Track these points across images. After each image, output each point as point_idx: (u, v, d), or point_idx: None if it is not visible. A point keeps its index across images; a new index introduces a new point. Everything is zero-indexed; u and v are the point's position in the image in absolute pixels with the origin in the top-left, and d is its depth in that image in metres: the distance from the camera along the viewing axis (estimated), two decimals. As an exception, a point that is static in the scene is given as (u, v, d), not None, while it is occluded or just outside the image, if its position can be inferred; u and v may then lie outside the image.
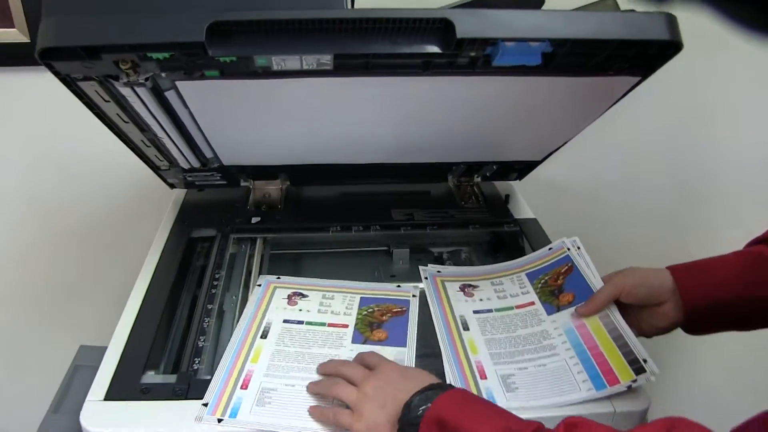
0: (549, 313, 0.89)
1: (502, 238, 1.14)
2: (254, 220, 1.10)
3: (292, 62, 0.70)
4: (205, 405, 0.74)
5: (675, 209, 1.51)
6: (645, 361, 0.76)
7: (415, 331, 0.87)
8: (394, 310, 0.92)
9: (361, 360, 0.78)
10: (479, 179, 1.23)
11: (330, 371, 0.78)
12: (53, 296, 1.48)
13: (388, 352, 0.83)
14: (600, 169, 1.48)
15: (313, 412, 0.73)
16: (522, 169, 1.18)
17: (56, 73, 0.70)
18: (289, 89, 0.76)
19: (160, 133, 0.86)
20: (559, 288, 0.92)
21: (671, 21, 0.70)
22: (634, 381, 0.75)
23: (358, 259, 1.11)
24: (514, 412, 0.67)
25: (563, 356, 0.81)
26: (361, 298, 0.94)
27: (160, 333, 0.87)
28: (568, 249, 0.96)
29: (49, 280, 1.46)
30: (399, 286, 0.97)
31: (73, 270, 1.45)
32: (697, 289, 0.80)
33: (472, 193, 1.22)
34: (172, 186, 1.13)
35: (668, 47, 0.72)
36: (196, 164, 1.01)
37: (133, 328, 0.86)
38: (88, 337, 0.92)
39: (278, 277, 0.97)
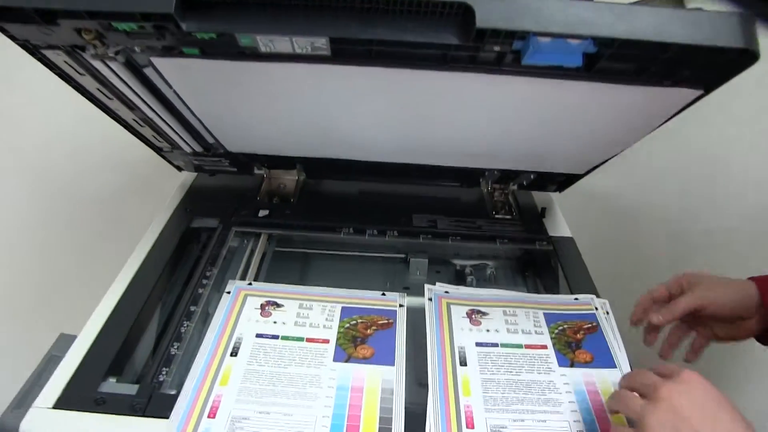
0: (561, 364, 0.76)
1: (533, 257, 1.01)
2: (262, 213, 1.00)
3: (281, 44, 0.58)
4: None
5: (738, 238, 1.35)
6: None
7: (404, 347, 0.76)
8: (380, 322, 0.80)
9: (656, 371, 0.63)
10: (515, 187, 1.09)
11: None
12: (43, 282, 1.41)
13: (375, 372, 0.72)
14: (654, 187, 1.33)
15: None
16: (563, 181, 1.04)
17: (12, 38, 0.60)
18: (283, 75, 0.65)
19: (149, 114, 0.76)
20: (577, 342, 0.79)
21: (747, 24, 0.56)
22: None
23: (370, 266, 0.99)
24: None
25: (567, 417, 0.69)
26: (342, 308, 0.82)
27: (133, 335, 0.77)
28: (596, 309, 0.84)
29: (45, 263, 1.39)
30: (384, 294, 0.85)
31: (71, 254, 1.38)
32: None
33: (506, 202, 1.08)
34: (179, 168, 1.03)
35: (742, 56, 0.58)
36: (198, 149, 0.91)
37: (103, 326, 0.76)
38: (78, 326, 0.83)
39: (250, 283, 0.86)
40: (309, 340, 0.76)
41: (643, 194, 1.34)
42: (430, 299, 0.85)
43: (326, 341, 0.76)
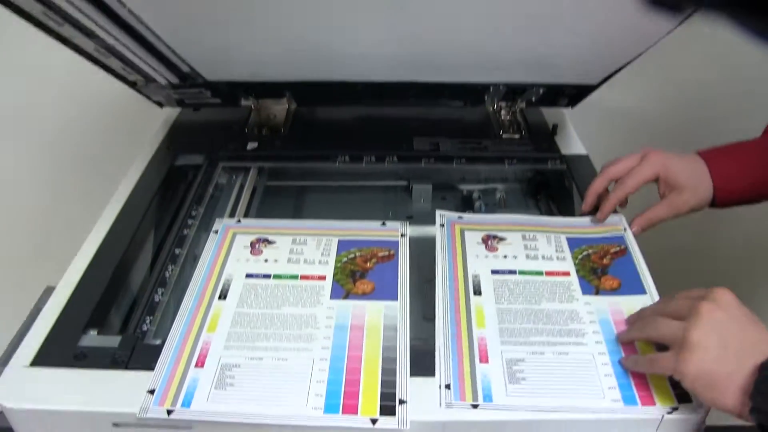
0: (585, 292, 0.68)
1: (546, 177, 0.93)
2: (250, 146, 0.92)
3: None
4: (151, 392, 0.57)
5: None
6: None
7: (407, 280, 0.69)
8: (380, 254, 0.73)
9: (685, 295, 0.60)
10: (523, 104, 1.00)
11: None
12: (28, 233, 1.35)
13: (376, 308, 0.66)
14: (679, 100, 1.22)
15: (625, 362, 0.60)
16: (574, 94, 0.95)
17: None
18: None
19: (110, 41, 0.68)
20: (603, 268, 0.71)
21: None
22: (675, 409, 0.56)
23: (369, 196, 0.92)
24: (509, 413, 0.55)
25: (591, 349, 0.62)
26: (339, 241, 0.75)
27: (115, 283, 0.70)
28: (625, 230, 0.77)
29: (27, 213, 1.33)
30: (384, 224, 0.78)
31: (54, 202, 1.31)
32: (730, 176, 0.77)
33: (514, 121, 1.00)
34: (160, 104, 0.95)
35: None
36: (174, 80, 0.83)
37: (83, 276, 0.70)
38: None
39: (238, 221, 0.79)
40: (303, 277, 0.70)
41: (664, 111, 1.24)
42: (442, 225, 0.77)
43: (322, 278, 0.70)
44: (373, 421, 0.55)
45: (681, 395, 0.57)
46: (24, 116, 1.22)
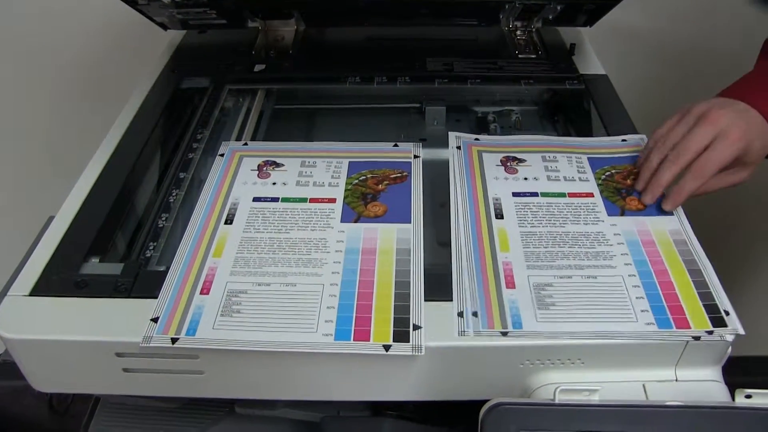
0: (610, 213, 0.63)
1: (563, 98, 0.86)
2: (258, 68, 0.85)
3: None
4: (155, 320, 0.53)
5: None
6: (727, 313, 0.52)
7: (421, 202, 0.64)
8: (392, 176, 0.67)
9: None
10: (539, 24, 0.93)
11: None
12: (30, 158, 1.29)
13: (388, 230, 0.60)
14: (699, 18, 1.13)
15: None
16: (593, 10, 0.87)
17: None
18: None
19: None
20: (628, 189, 0.65)
21: None
22: (710, 332, 0.51)
23: (381, 118, 0.85)
24: (539, 342, 0.50)
25: (621, 271, 0.56)
26: (349, 163, 0.69)
27: (117, 209, 0.65)
28: None
29: (26, 137, 1.27)
30: (396, 145, 0.72)
31: (58, 129, 1.25)
32: None
33: (530, 41, 0.92)
34: (164, 27, 0.89)
35: None
36: (175, -5, 0.76)
37: (84, 202, 0.65)
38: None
39: (245, 143, 0.73)
40: (313, 200, 0.64)
41: (682, 31, 1.15)
42: (459, 147, 0.71)
43: (332, 200, 0.64)
44: (386, 348, 0.50)
45: (715, 319, 0.52)
46: (24, 41, 1.15)
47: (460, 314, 0.53)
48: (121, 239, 0.65)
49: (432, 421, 0.60)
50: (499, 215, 0.62)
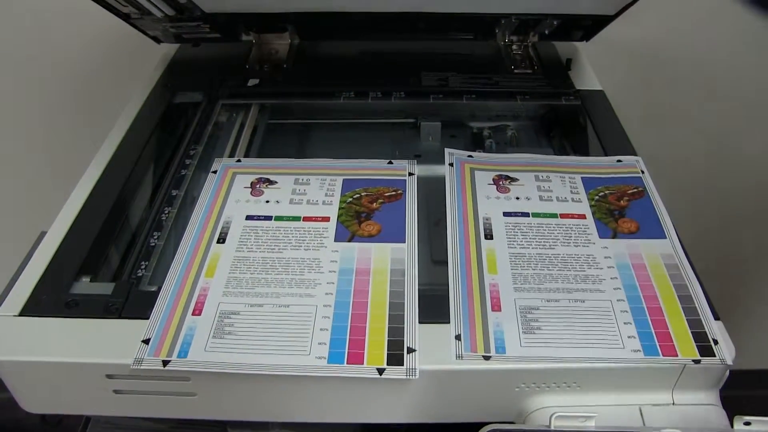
0: (602, 235, 0.62)
1: (559, 114, 0.86)
2: (251, 82, 0.85)
3: None
4: (146, 342, 0.52)
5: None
6: (716, 342, 0.52)
7: (416, 221, 0.63)
8: (387, 194, 0.67)
9: None
10: (536, 38, 0.93)
11: None
12: (21, 173, 1.28)
13: (383, 250, 0.60)
14: (698, 33, 1.14)
15: None
16: (589, 26, 0.87)
17: None
18: None
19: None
20: (621, 210, 0.65)
21: None
22: (697, 362, 0.50)
23: (375, 134, 0.85)
24: (525, 366, 0.50)
25: (609, 296, 0.56)
26: (343, 180, 0.69)
27: (108, 227, 0.65)
28: (642, 172, 0.70)
29: (15, 154, 1.26)
30: (391, 162, 0.72)
31: (48, 144, 1.24)
32: None
33: (526, 56, 0.92)
34: (157, 40, 0.88)
35: None
36: (170, 12, 0.76)
37: (75, 220, 0.65)
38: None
39: (238, 160, 0.73)
40: (306, 219, 0.64)
41: (680, 47, 1.16)
42: (451, 164, 0.71)
43: (326, 219, 0.64)
44: (380, 371, 0.50)
45: (703, 348, 0.51)
46: (14, 54, 1.14)
47: (458, 337, 0.53)
48: (113, 258, 0.64)
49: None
50: (489, 235, 0.62)
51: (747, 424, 0.45)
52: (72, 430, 0.79)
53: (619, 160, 0.72)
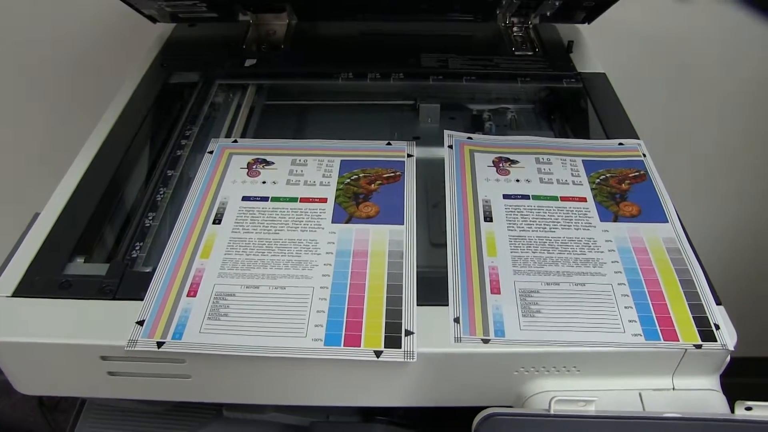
0: (603, 218, 0.62)
1: (560, 97, 0.85)
2: (248, 62, 0.84)
3: None
4: (141, 323, 0.52)
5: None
6: (717, 327, 0.51)
7: (414, 203, 0.63)
8: (385, 175, 0.66)
9: None
10: (537, 20, 0.92)
11: None
12: (15, 154, 1.28)
13: (380, 232, 0.60)
14: (701, 17, 1.13)
15: None
16: (592, 7, 0.86)
17: None
18: None
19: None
20: (622, 194, 0.64)
21: None
22: (698, 347, 0.50)
23: (374, 115, 0.84)
24: (524, 350, 0.50)
25: (610, 279, 0.55)
26: (341, 161, 0.68)
27: (103, 208, 0.64)
28: (644, 155, 0.69)
29: (12, 134, 1.25)
30: (389, 143, 0.71)
31: (43, 125, 1.23)
32: None
33: (527, 38, 0.91)
34: (153, 20, 0.87)
35: None
36: (164, -13, 0.75)
37: (69, 200, 0.64)
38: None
39: (235, 141, 0.72)
40: (303, 200, 0.63)
41: (691, 32, 1.14)
42: (450, 146, 0.70)
43: (323, 200, 0.63)
44: (378, 354, 0.50)
45: (704, 332, 0.51)
46: (11, 34, 1.13)
47: (456, 320, 0.52)
48: (107, 238, 0.64)
49: (422, 427, 0.60)
50: (488, 218, 0.61)
51: (748, 409, 0.44)
52: (69, 413, 0.79)
53: (620, 143, 0.71)
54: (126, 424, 0.69)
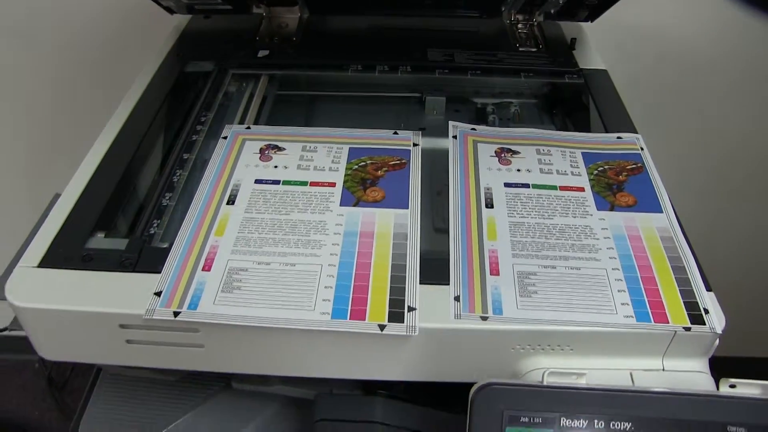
0: (600, 207, 0.64)
1: (562, 92, 0.88)
2: (261, 53, 0.87)
3: None
4: (158, 294, 0.55)
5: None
6: (706, 311, 0.54)
7: (419, 189, 0.66)
8: (391, 162, 0.69)
9: None
10: (541, 17, 0.95)
11: None
12: (32, 139, 1.32)
13: (386, 215, 0.63)
14: (701, 16, 1.15)
15: None
16: (595, 6, 0.89)
17: None
18: None
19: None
20: (619, 185, 0.67)
21: None
22: (687, 329, 0.53)
23: (381, 107, 0.87)
24: (521, 327, 0.52)
25: (605, 264, 0.58)
26: (349, 149, 0.71)
27: (123, 186, 0.67)
28: (642, 149, 0.72)
29: (30, 120, 1.29)
30: (396, 132, 0.74)
31: (61, 109, 1.27)
32: None
33: (531, 35, 0.94)
34: (170, 11, 0.90)
35: None
36: (184, -20, 0.78)
37: (91, 178, 0.67)
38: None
39: (248, 127, 0.75)
40: (313, 184, 0.66)
41: (691, 31, 1.17)
42: (455, 137, 0.73)
43: (332, 184, 0.66)
44: (381, 327, 0.53)
45: (693, 316, 0.54)
46: (29, 20, 1.16)
47: (457, 298, 0.55)
48: (126, 217, 0.67)
49: (422, 402, 0.62)
50: (490, 204, 0.64)
51: (732, 386, 0.47)
52: (78, 392, 0.81)
53: (619, 137, 0.74)
54: (138, 396, 0.72)
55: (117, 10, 1.13)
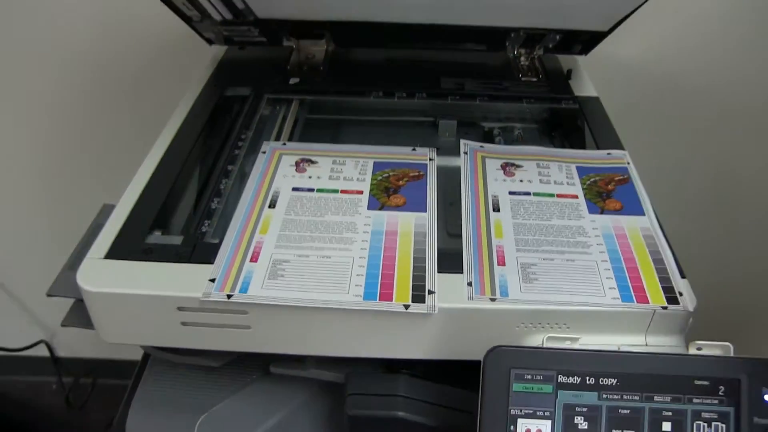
0: (591, 211, 0.74)
1: (560, 116, 0.97)
2: (293, 81, 0.97)
3: None
4: (212, 280, 0.63)
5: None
6: (681, 294, 0.63)
7: (435, 196, 0.75)
8: (411, 174, 0.79)
9: None
10: (541, 51, 1.05)
11: None
12: (82, 155, 1.43)
13: (408, 217, 0.72)
14: (682, 51, 1.26)
15: None
16: (587, 40, 0.99)
17: None
18: None
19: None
20: (608, 192, 0.77)
21: None
22: (664, 308, 0.62)
23: (399, 129, 0.97)
24: (525, 307, 0.60)
25: (595, 257, 0.67)
26: (374, 162, 0.81)
27: (174, 193, 0.77)
28: (628, 164, 0.82)
29: (80, 137, 1.40)
30: (414, 149, 0.84)
31: (105, 127, 1.38)
32: None
33: (532, 66, 1.04)
34: (209, 42, 1.01)
35: None
36: (227, 15, 0.88)
37: (146, 186, 0.76)
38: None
39: (284, 143, 0.84)
40: (343, 191, 0.75)
41: (674, 64, 1.28)
42: (466, 153, 0.83)
43: (360, 192, 0.75)
44: (406, 306, 0.61)
45: (670, 298, 0.63)
46: (78, 48, 1.28)
47: (469, 283, 0.64)
48: (179, 219, 0.76)
49: (439, 380, 0.71)
50: (496, 209, 0.74)
51: (699, 348, 0.56)
52: (97, 412, 0.87)
53: (609, 153, 0.83)
54: (183, 381, 0.79)
55: (154, 42, 1.24)
